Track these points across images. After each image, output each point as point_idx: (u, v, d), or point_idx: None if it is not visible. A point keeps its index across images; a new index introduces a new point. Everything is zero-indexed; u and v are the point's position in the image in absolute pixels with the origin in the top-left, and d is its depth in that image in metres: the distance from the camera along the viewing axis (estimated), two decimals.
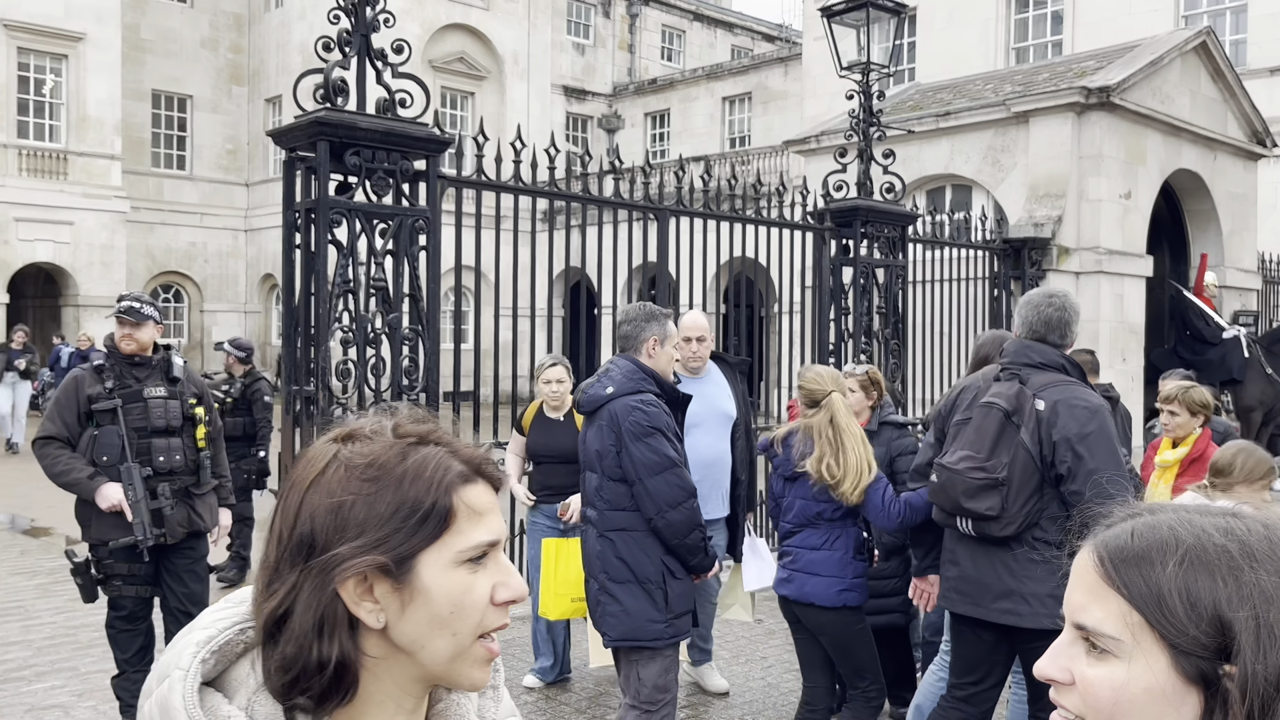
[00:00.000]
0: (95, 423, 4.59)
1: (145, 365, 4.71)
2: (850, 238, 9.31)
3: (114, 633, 4.78)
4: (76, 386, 4.62)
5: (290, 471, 1.08)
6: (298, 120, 6.26)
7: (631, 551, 3.91)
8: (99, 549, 4.62)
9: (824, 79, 22.23)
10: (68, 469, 4.52)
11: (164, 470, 4.63)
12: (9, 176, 24.89)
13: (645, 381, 4.01)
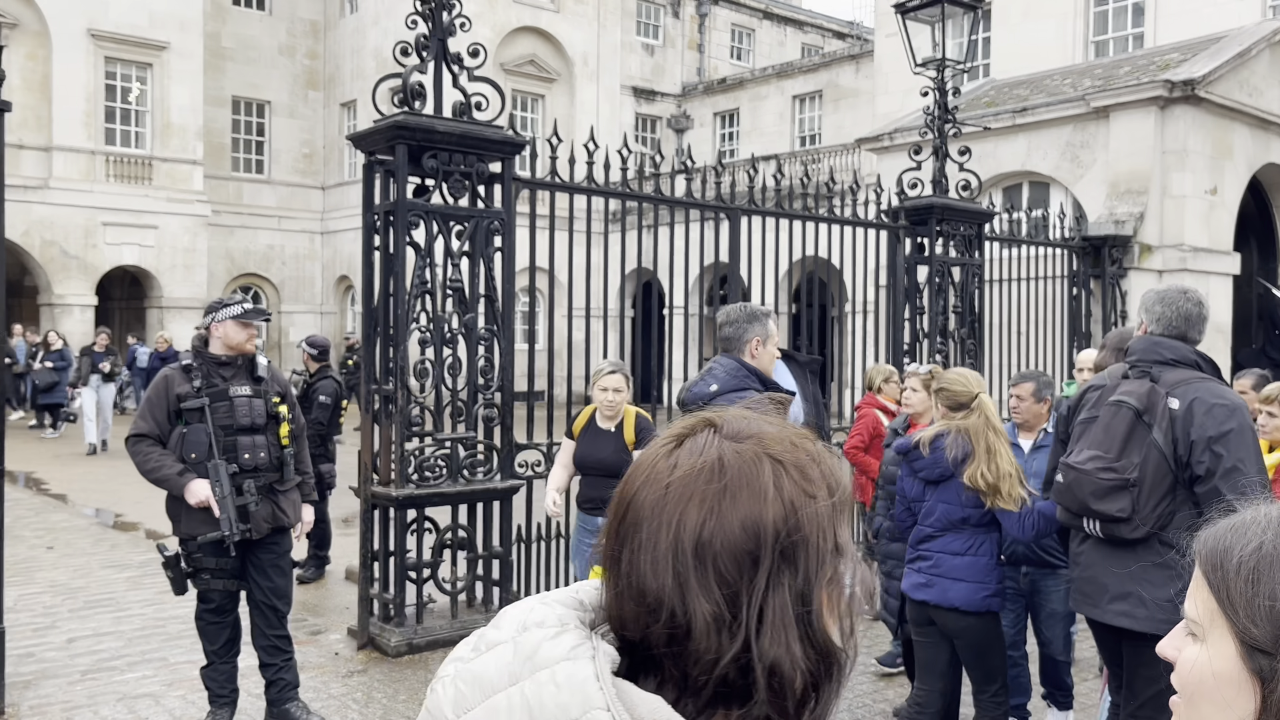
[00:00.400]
0: (184, 421, 4.72)
1: (231, 365, 4.82)
2: (925, 236, 9.20)
3: (203, 625, 4.90)
4: (166, 385, 4.75)
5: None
6: (377, 124, 6.37)
7: None
8: (189, 543, 4.74)
9: (896, 76, 21.96)
10: (159, 465, 4.65)
11: (249, 467, 4.74)
12: (97, 182, 25.70)
13: (749, 379, 4.04)
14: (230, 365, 4.81)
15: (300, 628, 6.76)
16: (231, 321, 4.79)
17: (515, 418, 6.90)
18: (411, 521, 6.37)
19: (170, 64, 26.77)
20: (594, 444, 5.40)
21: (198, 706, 5.25)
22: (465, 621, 6.48)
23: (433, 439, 6.49)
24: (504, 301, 6.76)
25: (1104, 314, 11.73)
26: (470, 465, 6.58)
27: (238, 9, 30.53)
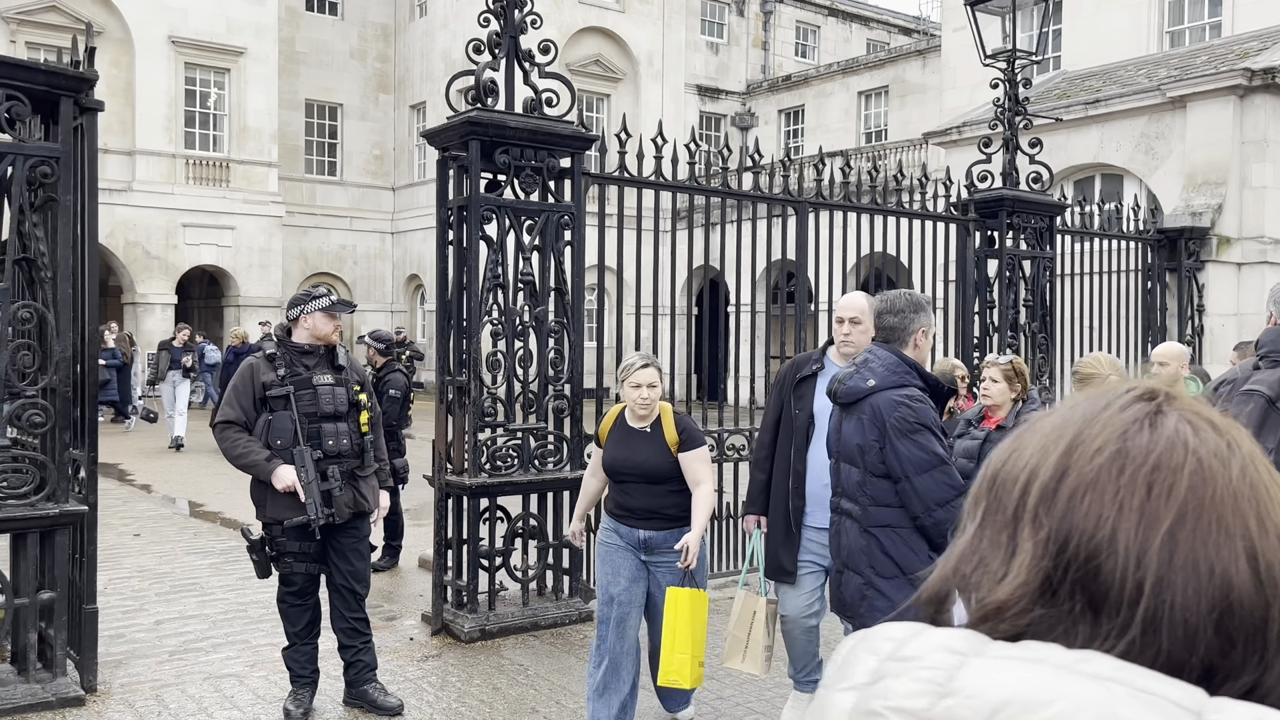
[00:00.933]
0: (269, 408, 4.86)
1: (313, 354, 4.97)
2: (995, 229, 9.12)
3: (285, 607, 5.05)
4: (252, 374, 4.89)
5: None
6: (450, 121, 6.52)
7: (898, 548, 3.80)
8: (273, 527, 4.91)
9: (964, 70, 21.69)
10: (246, 451, 4.81)
11: (332, 453, 4.88)
12: (177, 185, 26.44)
13: (909, 375, 3.84)
14: (312, 354, 4.95)
15: (376, 614, 6.92)
16: (320, 313, 4.93)
17: (584, 410, 7.00)
18: (484, 510, 6.51)
19: (247, 69, 27.45)
20: (628, 446, 4.65)
21: (279, 687, 5.42)
22: (536, 609, 6.60)
23: (504, 429, 6.61)
24: (573, 295, 6.87)
25: (1180, 308, 11.50)
26: (541, 455, 6.70)
27: (311, 14, 31.19)
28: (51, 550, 5.09)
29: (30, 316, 5.01)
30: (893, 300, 4.01)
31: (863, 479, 3.87)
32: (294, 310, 4.98)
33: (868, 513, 3.86)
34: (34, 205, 5.01)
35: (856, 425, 3.88)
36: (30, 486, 5.02)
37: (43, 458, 5.06)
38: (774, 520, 4.83)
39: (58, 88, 5.03)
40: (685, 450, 4.60)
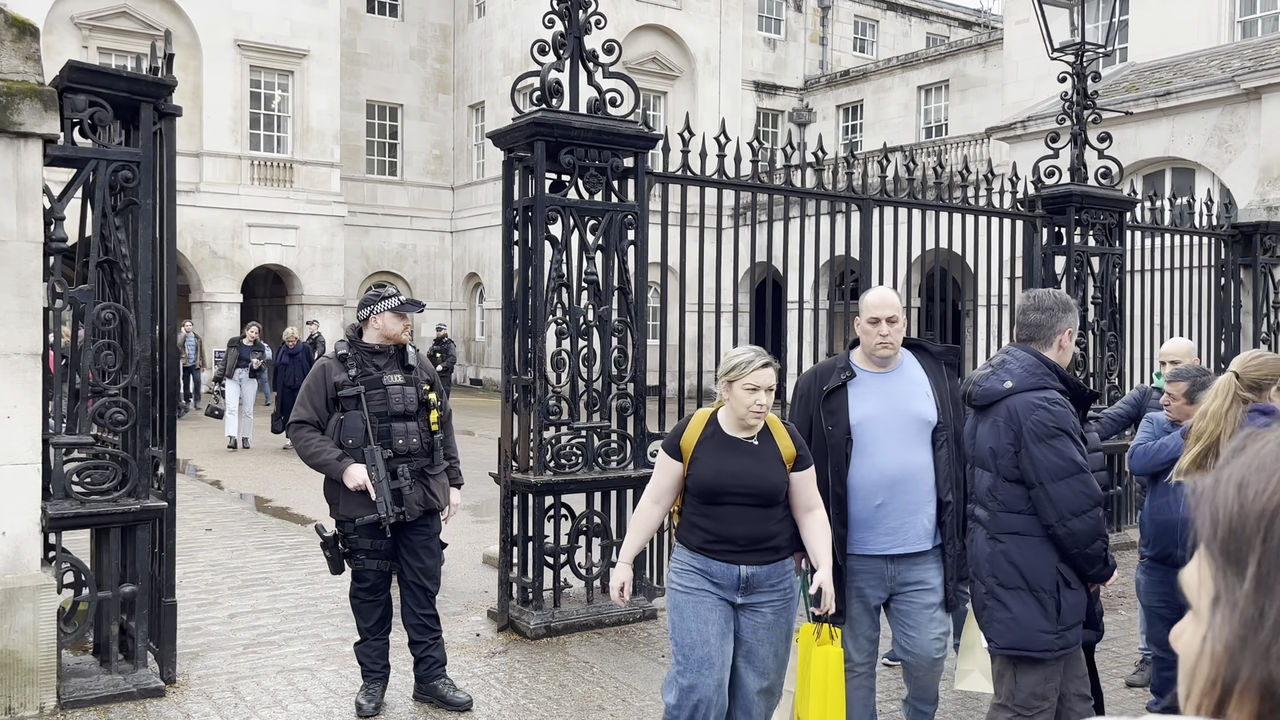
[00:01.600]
0: (341, 408, 4.94)
1: (384, 354, 5.03)
2: (1063, 225, 8.98)
3: (357, 603, 5.13)
4: (324, 374, 4.97)
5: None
6: (516, 122, 6.57)
7: (1025, 556, 3.65)
8: (345, 525, 4.99)
9: (1027, 63, 21.33)
10: (319, 451, 4.89)
11: (403, 452, 4.94)
12: (243, 186, 26.96)
13: (1048, 376, 3.67)
14: (383, 354, 5.02)
15: (442, 609, 7.00)
16: (389, 313, 5.00)
17: (647, 409, 7.02)
18: (549, 507, 6.56)
19: (310, 71, 27.90)
20: (732, 460, 3.82)
21: (350, 680, 5.51)
22: (600, 607, 6.63)
23: (569, 428, 6.66)
24: (637, 294, 6.89)
25: (1255, 304, 11.22)
26: (604, 453, 6.73)
27: (372, 16, 31.60)
28: (133, 545, 5.23)
29: (112, 317, 5.15)
30: (1041, 298, 3.84)
31: (994, 484, 3.72)
32: (364, 311, 5.05)
33: (997, 519, 3.71)
34: (116, 209, 5.15)
35: (991, 428, 3.72)
36: (113, 483, 5.16)
37: (124, 454, 5.20)
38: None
39: (138, 94, 5.16)
40: (801, 469, 3.92)
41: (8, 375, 4.84)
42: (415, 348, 5.25)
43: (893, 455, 4.12)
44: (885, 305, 4.16)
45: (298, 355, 16.28)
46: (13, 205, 4.84)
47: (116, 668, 5.20)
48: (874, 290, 4.28)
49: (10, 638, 4.80)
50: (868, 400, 4.16)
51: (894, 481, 4.11)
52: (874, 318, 4.16)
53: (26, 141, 4.87)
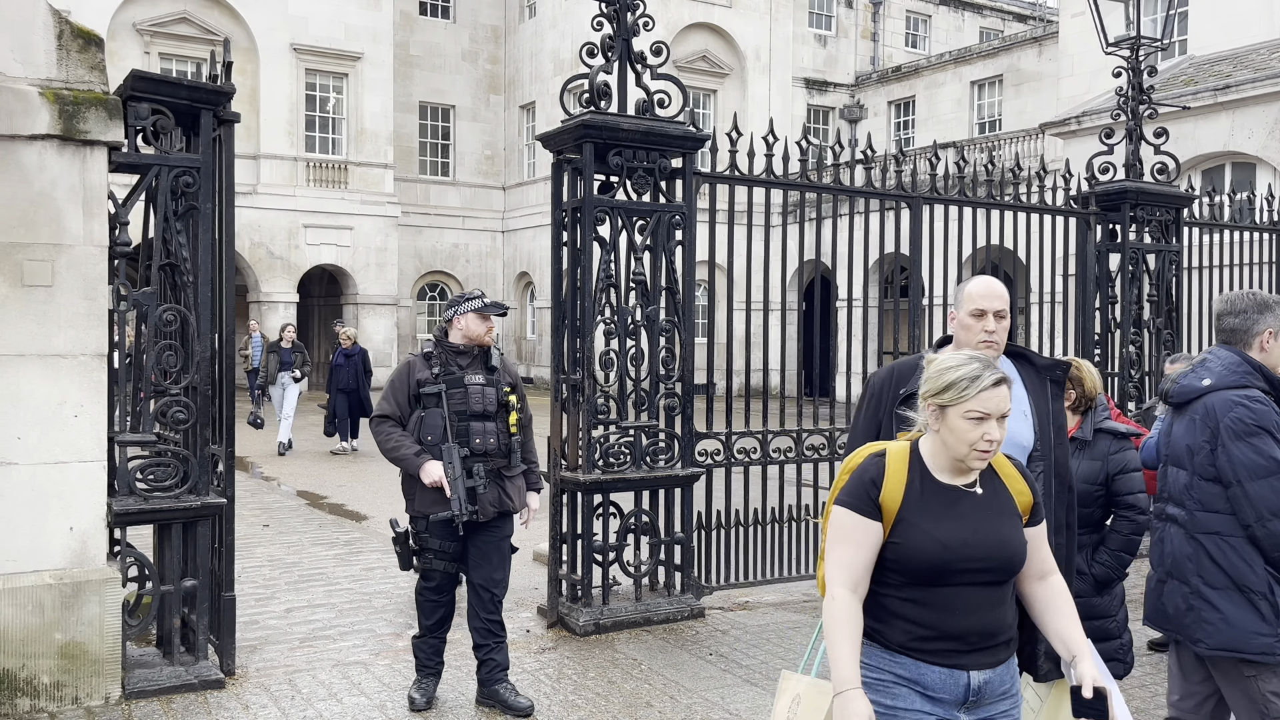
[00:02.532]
0: (422, 405, 5.03)
1: (468, 354, 5.10)
2: (1118, 222, 8.86)
3: (421, 600, 5.18)
4: (408, 371, 5.08)
5: None
6: (564, 124, 6.64)
7: (1228, 557, 3.56)
8: (417, 521, 5.05)
9: (1083, 57, 21.02)
10: (398, 445, 4.98)
11: (480, 451, 4.98)
12: (299, 187, 27.42)
13: (1251, 376, 3.61)
14: (466, 354, 5.09)
15: None
16: (473, 314, 5.07)
17: (695, 408, 7.06)
18: (597, 506, 6.62)
19: (364, 73, 28.29)
20: (959, 523, 2.69)
21: (403, 675, 5.62)
22: (648, 604, 6.69)
23: (617, 427, 6.71)
24: (684, 294, 6.93)
25: None
26: (652, 452, 6.78)
27: (424, 18, 31.96)
28: (194, 540, 5.37)
29: (174, 319, 5.29)
30: (1234, 300, 3.76)
31: (1190, 482, 3.65)
32: (449, 312, 5.14)
33: (1194, 518, 3.63)
34: (177, 213, 5.30)
35: (1187, 425, 3.67)
36: (174, 480, 5.31)
37: (185, 452, 5.35)
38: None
39: (198, 101, 5.30)
40: (1036, 522, 2.85)
41: (75, 375, 5.00)
42: (500, 350, 5.29)
43: None
44: (993, 296, 3.42)
45: (354, 357, 15.68)
46: (79, 211, 5.01)
47: (178, 659, 5.35)
48: (978, 279, 3.52)
49: (77, 630, 4.97)
50: None
51: None
52: (978, 309, 3.42)
53: (92, 149, 5.03)
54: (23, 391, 4.89)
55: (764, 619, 6.88)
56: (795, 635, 6.51)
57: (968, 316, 3.46)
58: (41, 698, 4.90)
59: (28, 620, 4.86)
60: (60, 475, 4.98)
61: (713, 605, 7.06)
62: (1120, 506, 4.23)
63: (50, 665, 4.92)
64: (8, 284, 4.86)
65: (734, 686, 5.56)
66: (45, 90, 4.92)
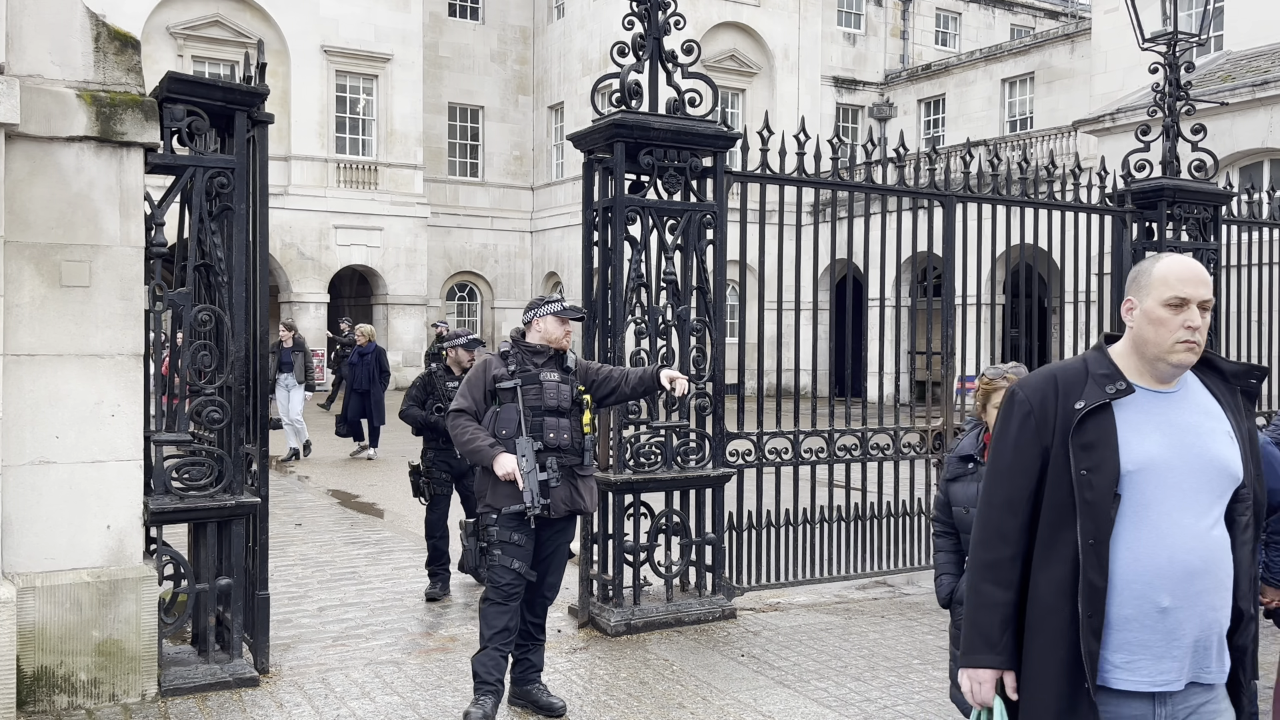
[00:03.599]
0: (498, 400, 5.06)
1: (544, 354, 5.13)
2: (1155, 220, 8.75)
3: (486, 606, 5.00)
4: (485, 368, 5.10)
5: None
6: (595, 124, 6.63)
7: None
8: (486, 516, 5.03)
9: (1117, 54, 20.79)
10: (473, 438, 4.96)
11: (553, 446, 4.98)
12: (329, 188, 27.60)
13: None
14: (543, 354, 5.11)
15: None
16: (552, 317, 5.10)
17: (725, 408, 7.03)
18: (628, 506, 6.61)
19: (393, 75, 28.45)
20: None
21: (434, 675, 5.64)
22: (680, 605, 6.67)
23: (648, 427, 6.70)
24: (715, 293, 6.90)
25: None
26: (683, 452, 6.75)
27: (453, 20, 32.09)
28: (228, 539, 5.41)
29: (208, 319, 5.33)
30: None
31: None
32: (528, 314, 5.17)
33: None
34: (211, 214, 5.33)
35: None
36: (209, 479, 5.35)
37: (220, 452, 5.39)
38: (1039, 677, 2.59)
39: (233, 103, 5.34)
40: None
41: (112, 375, 5.04)
42: (575, 354, 5.31)
43: (1187, 527, 2.54)
44: (1197, 279, 2.58)
45: (368, 356, 14.75)
46: (116, 212, 5.05)
47: (213, 657, 5.38)
48: (1172, 257, 2.68)
49: (114, 627, 5.01)
50: (1148, 435, 2.57)
51: (1190, 571, 2.52)
52: (1179, 298, 2.56)
53: (129, 150, 5.07)
54: (61, 391, 4.94)
55: (796, 620, 6.85)
56: (828, 637, 6.47)
57: (1161, 307, 2.56)
58: (79, 694, 4.94)
59: (66, 618, 4.91)
60: (98, 474, 5.03)
61: (744, 606, 7.03)
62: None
63: (88, 662, 4.96)
64: (46, 285, 4.91)
65: (767, 688, 5.53)
66: (83, 92, 4.97)
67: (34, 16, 4.90)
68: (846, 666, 5.92)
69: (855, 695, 5.46)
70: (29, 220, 4.87)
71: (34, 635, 4.84)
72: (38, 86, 4.86)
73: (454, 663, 5.88)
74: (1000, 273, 11.69)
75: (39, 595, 4.86)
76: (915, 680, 5.70)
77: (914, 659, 6.07)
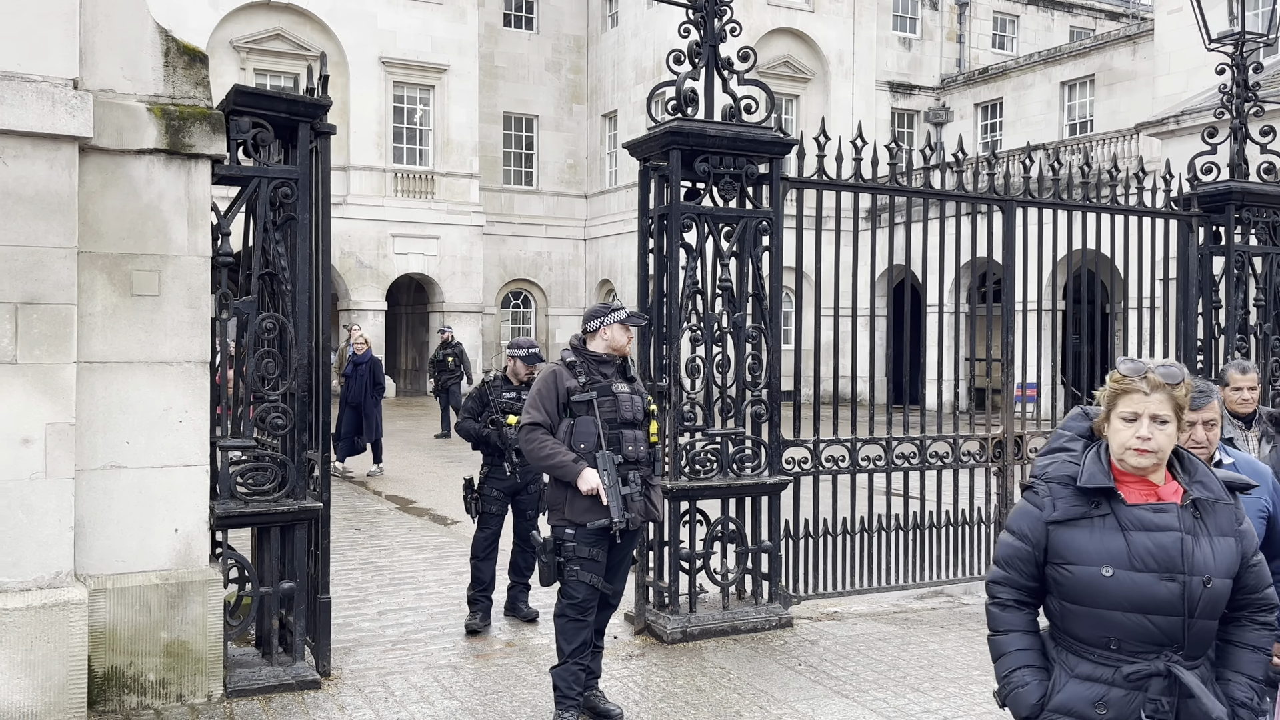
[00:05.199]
0: (571, 413, 4.96)
1: (610, 363, 5.10)
2: (1222, 224, 8.57)
3: (563, 622, 4.97)
4: (556, 380, 5.00)
5: None
6: (651, 132, 6.65)
7: None
8: (560, 531, 4.95)
9: (1180, 54, 20.39)
10: (554, 453, 4.88)
11: (632, 459, 4.97)
12: (387, 198, 27.96)
13: None
14: (609, 364, 5.08)
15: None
16: (617, 324, 5.08)
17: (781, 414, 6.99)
18: (684, 513, 6.60)
19: (450, 85, 28.76)
20: None
21: (491, 680, 5.68)
22: (736, 613, 6.64)
23: (703, 434, 6.69)
24: (771, 300, 6.88)
25: None
26: (739, 460, 6.74)
27: (508, 30, 32.38)
28: (291, 543, 5.50)
29: (273, 326, 5.43)
30: None
31: None
32: (593, 323, 5.11)
33: None
34: (276, 224, 5.44)
35: None
36: (272, 484, 5.44)
37: (283, 457, 5.48)
38: None
39: (296, 114, 5.44)
40: None
41: (180, 382, 5.16)
42: (633, 361, 5.30)
43: None
44: None
45: (363, 366, 13.54)
46: (184, 222, 5.16)
47: (276, 659, 5.47)
48: None
49: (181, 629, 5.12)
50: None
51: None
52: None
53: (197, 162, 5.19)
54: (131, 398, 5.06)
55: (853, 630, 6.79)
56: (886, 647, 6.41)
57: None
58: (148, 694, 5.05)
59: (135, 619, 5.02)
60: (166, 479, 5.14)
61: (800, 615, 6.98)
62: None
63: (156, 663, 5.07)
64: (118, 294, 5.03)
65: (825, 698, 5.49)
66: (153, 106, 5.09)
67: (106, 32, 5.03)
68: (905, 677, 5.86)
69: (914, 706, 5.40)
70: (101, 231, 5.00)
71: (105, 636, 4.95)
72: (110, 100, 4.99)
73: (511, 668, 5.92)
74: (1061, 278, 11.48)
75: (109, 597, 4.98)
76: (976, 692, 5.62)
77: (974, 670, 5.98)
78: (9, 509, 4.67)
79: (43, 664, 4.65)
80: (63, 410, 4.77)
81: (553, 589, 5.17)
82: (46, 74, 4.72)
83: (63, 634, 4.69)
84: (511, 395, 6.78)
